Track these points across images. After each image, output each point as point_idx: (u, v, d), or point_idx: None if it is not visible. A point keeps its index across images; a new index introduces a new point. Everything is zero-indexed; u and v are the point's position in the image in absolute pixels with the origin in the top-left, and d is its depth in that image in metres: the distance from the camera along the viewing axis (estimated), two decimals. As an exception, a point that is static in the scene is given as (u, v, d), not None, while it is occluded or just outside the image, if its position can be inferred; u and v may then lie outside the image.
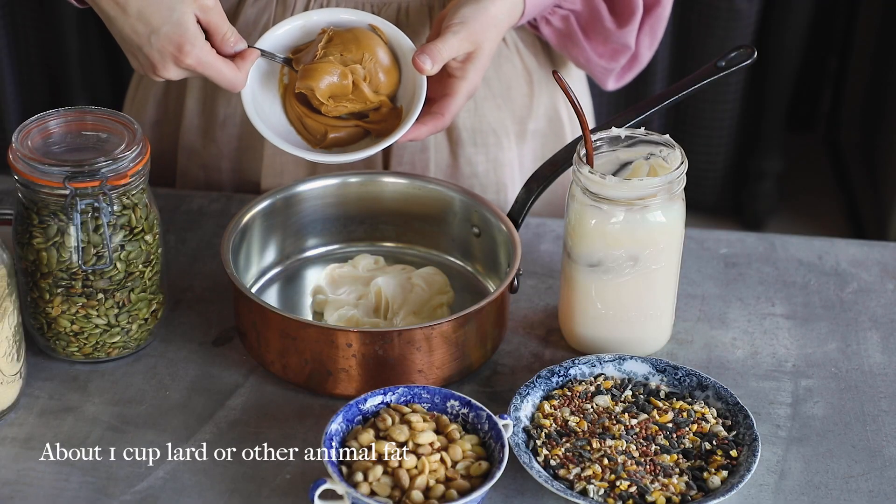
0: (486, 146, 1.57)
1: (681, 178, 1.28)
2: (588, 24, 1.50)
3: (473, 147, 1.57)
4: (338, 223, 1.47)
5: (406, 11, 1.49)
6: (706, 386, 1.27)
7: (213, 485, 1.20)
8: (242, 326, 1.32)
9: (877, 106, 3.15)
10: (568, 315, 1.35)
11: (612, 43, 1.50)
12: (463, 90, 1.37)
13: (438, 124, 1.37)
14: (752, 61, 1.41)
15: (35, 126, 1.28)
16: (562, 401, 1.26)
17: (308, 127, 1.38)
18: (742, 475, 1.18)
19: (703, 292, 1.45)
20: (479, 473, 1.16)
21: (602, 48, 1.51)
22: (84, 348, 1.31)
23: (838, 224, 3.16)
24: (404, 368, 1.26)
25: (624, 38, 1.50)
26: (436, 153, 1.56)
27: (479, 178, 1.58)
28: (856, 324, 1.41)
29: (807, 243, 1.52)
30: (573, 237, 1.31)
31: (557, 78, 1.28)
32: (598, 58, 1.52)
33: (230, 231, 1.35)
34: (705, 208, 3.11)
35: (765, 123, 3.05)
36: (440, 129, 1.37)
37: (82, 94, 2.96)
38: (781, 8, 2.93)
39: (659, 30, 1.53)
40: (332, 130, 1.37)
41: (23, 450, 1.23)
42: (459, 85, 1.37)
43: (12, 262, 1.23)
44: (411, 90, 1.36)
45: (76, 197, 1.23)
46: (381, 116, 1.38)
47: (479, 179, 1.58)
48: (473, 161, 1.57)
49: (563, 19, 1.50)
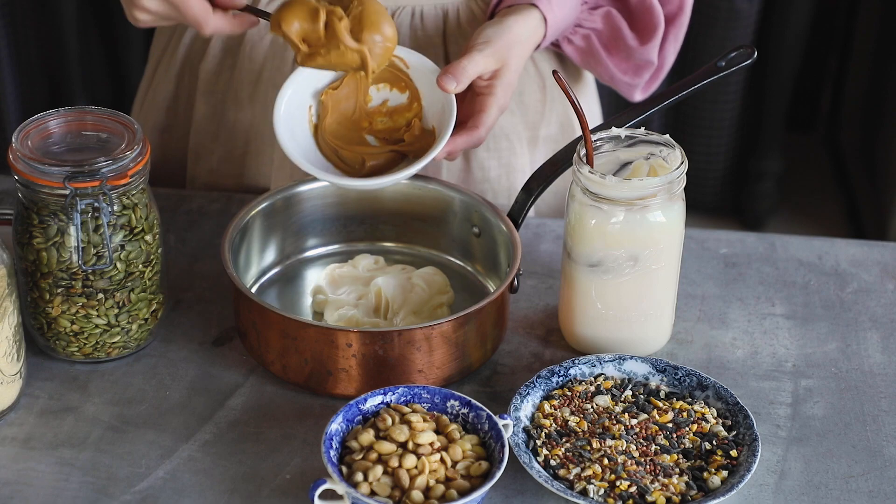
0: (499, 151, 1.57)
1: (681, 178, 1.28)
2: (610, 42, 1.50)
3: (486, 152, 1.57)
4: (338, 223, 1.47)
5: (420, 15, 1.50)
6: (706, 386, 1.27)
7: (213, 485, 1.20)
8: (242, 326, 1.32)
9: (877, 106, 3.15)
10: (568, 315, 1.35)
11: (634, 59, 1.51)
12: (494, 105, 1.38)
13: (473, 137, 1.37)
14: (752, 61, 1.41)
15: (35, 126, 1.28)
16: (562, 401, 1.26)
17: (345, 159, 1.39)
18: (742, 475, 1.18)
19: (703, 292, 1.45)
20: (479, 473, 1.16)
21: (625, 65, 1.52)
22: (84, 348, 1.31)
23: (838, 224, 3.16)
24: (404, 368, 1.26)
25: (647, 54, 1.50)
26: None
27: (490, 184, 1.58)
28: (856, 324, 1.41)
29: (807, 243, 1.52)
30: (573, 237, 1.31)
31: (557, 78, 1.28)
32: (622, 74, 1.53)
33: (230, 231, 1.35)
34: (705, 208, 3.11)
35: (765, 123, 3.05)
36: (475, 142, 1.38)
37: (82, 95, 2.96)
38: (781, 8, 2.93)
39: (682, 36, 1.54)
40: (369, 158, 1.38)
41: (23, 450, 1.23)
42: (489, 101, 1.38)
43: (12, 262, 1.23)
44: (440, 110, 1.38)
45: (76, 197, 1.23)
46: (415, 138, 1.39)
47: (491, 184, 1.58)
48: (486, 166, 1.57)
49: (584, 38, 1.50)
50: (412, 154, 1.39)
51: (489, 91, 1.38)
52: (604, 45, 1.51)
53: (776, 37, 2.95)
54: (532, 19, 1.41)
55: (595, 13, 1.49)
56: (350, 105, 1.40)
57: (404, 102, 1.41)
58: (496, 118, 1.39)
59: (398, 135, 1.40)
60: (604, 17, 1.49)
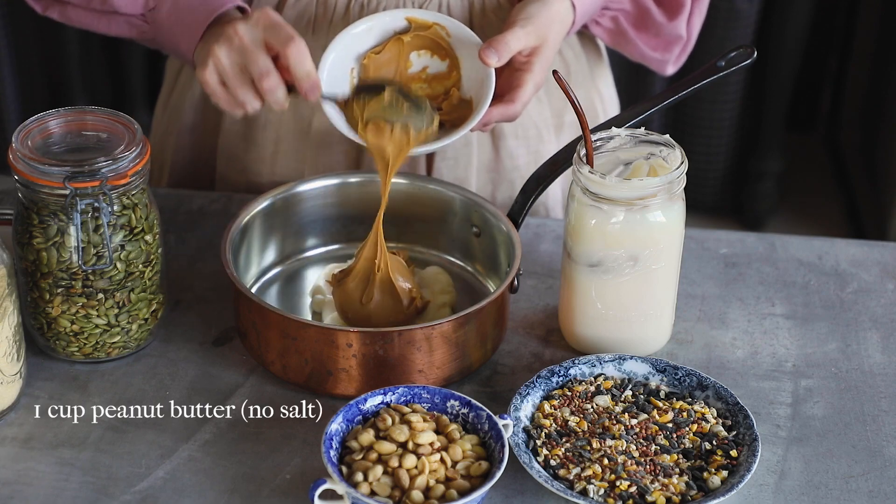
0: (528, 139, 1.58)
1: (681, 178, 1.28)
2: (638, 21, 1.53)
3: (515, 140, 1.58)
4: (338, 223, 1.47)
5: (447, 8, 1.50)
6: (706, 386, 1.27)
7: (213, 485, 1.20)
8: (242, 326, 1.32)
9: (877, 106, 3.15)
10: (568, 315, 1.35)
11: (664, 36, 1.54)
12: (530, 81, 1.39)
13: (509, 110, 1.38)
14: (752, 61, 1.41)
15: (35, 126, 1.28)
16: (562, 401, 1.26)
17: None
18: (742, 475, 1.18)
19: (703, 292, 1.45)
20: (479, 473, 1.16)
21: (655, 41, 1.55)
22: (84, 348, 1.31)
23: (838, 224, 3.16)
24: (404, 368, 1.26)
25: (676, 29, 1.53)
26: (478, 148, 1.57)
27: (520, 171, 1.59)
28: (856, 324, 1.41)
29: (807, 243, 1.52)
30: (573, 237, 1.31)
31: (557, 78, 1.28)
32: (652, 51, 1.56)
33: (230, 231, 1.35)
34: (705, 208, 3.11)
35: (765, 123, 3.05)
36: (510, 116, 1.39)
37: (82, 95, 2.96)
38: (781, 8, 2.93)
39: (706, 6, 1.56)
40: None
41: (23, 450, 1.23)
42: (526, 77, 1.39)
43: (12, 262, 1.23)
44: (479, 82, 1.39)
45: (76, 197, 1.23)
46: (452, 108, 1.40)
47: (521, 172, 1.59)
48: (515, 154, 1.58)
49: (612, 20, 1.53)
50: (449, 123, 1.39)
51: (527, 67, 1.39)
52: (632, 25, 1.53)
53: (776, 37, 2.95)
54: (564, 3, 1.43)
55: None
56: (391, 70, 1.41)
57: (444, 70, 1.42)
58: (532, 94, 1.40)
59: (436, 102, 1.41)
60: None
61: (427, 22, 1.41)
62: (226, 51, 1.31)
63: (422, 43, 1.42)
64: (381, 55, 1.41)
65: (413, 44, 1.42)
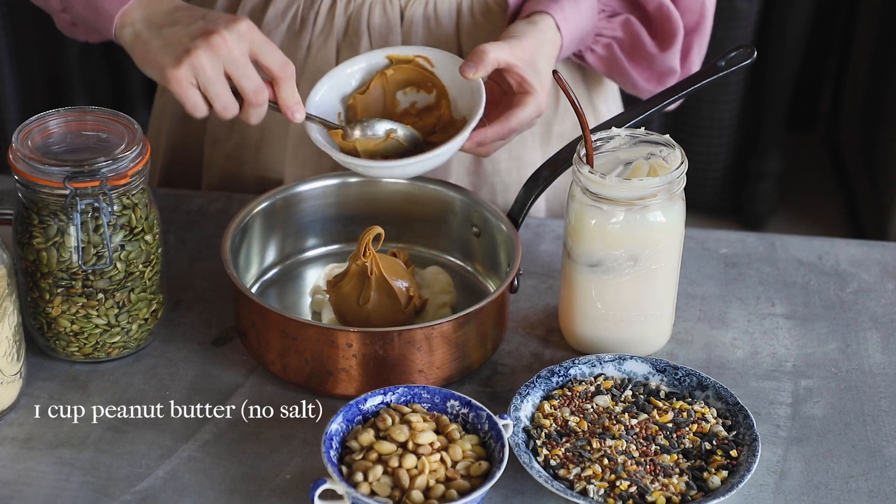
0: (510, 144, 1.57)
1: (681, 178, 1.28)
2: (631, 50, 1.52)
3: None
4: (338, 223, 1.47)
5: (434, 6, 1.50)
6: (706, 386, 1.27)
7: (213, 485, 1.20)
8: (242, 326, 1.32)
9: (877, 106, 3.15)
10: (568, 315, 1.35)
11: (656, 67, 1.52)
12: (531, 103, 1.38)
13: (503, 127, 1.37)
14: (752, 61, 1.41)
15: (35, 126, 1.28)
16: (562, 401, 1.26)
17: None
18: (742, 475, 1.18)
19: (703, 292, 1.45)
20: (479, 473, 1.16)
21: (647, 73, 1.53)
22: (84, 348, 1.31)
23: (838, 224, 3.16)
24: (404, 368, 1.26)
25: (668, 61, 1.52)
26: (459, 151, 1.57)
27: (501, 176, 1.58)
28: (856, 324, 1.41)
29: (807, 243, 1.52)
30: (573, 237, 1.31)
31: (557, 78, 1.28)
32: (645, 82, 1.54)
33: (230, 231, 1.35)
34: (705, 208, 3.11)
35: (765, 123, 3.05)
36: (505, 133, 1.38)
37: (82, 95, 2.96)
38: (781, 8, 2.93)
39: (706, 44, 1.55)
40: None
41: (23, 450, 1.23)
42: (526, 99, 1.38)
43: (12, 262, 1.23)
44: (470, 99, 1.38)
45: (76, 197, 1.23)
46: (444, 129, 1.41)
47: (502, 177, 1.58)
48: (496, 158, 1.58)
49: (605, 47, 1.52)
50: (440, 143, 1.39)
51: (524, 89, 1.38)
52: (626, 54, 1.52)
53: (776, 37, 2.95)
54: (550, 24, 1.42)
55: (614, 20, 1.50)
56: (378, 109, 1.41)
57: (432, 101, 1.42)
58: (532, 115, 1.38)
59: (429, 131, 1.41)
60: (623, 25, 1.50)
61: (408, 56, 1.41)
62: (210, 57, 1.29)
63: (406, 77, 1.42)
64: (366, 94, 1.41)
65: (396, 78, 1.42)
